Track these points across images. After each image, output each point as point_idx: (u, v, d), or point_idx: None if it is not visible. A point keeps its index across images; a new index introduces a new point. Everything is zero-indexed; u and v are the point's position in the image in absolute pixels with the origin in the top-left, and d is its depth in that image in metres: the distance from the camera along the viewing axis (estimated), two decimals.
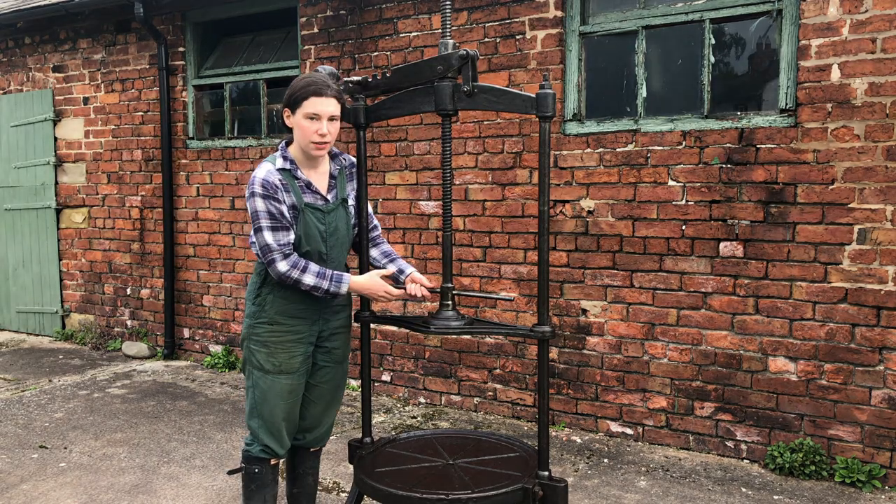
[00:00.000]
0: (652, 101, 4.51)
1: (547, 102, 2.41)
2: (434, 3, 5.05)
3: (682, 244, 4.33)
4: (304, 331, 2.80)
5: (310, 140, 2.65)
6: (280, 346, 2.76)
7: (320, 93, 2.61)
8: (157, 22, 6.42)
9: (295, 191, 2.68)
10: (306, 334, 2.81)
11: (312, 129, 2.63)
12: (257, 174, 2.64)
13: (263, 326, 2.76)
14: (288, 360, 2.77)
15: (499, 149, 4.89)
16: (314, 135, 2.63)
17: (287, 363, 2.77)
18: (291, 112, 2.67)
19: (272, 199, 2.59)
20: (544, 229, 2.49)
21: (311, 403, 2.93)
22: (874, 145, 3.79)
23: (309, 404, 2.92)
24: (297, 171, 2.71)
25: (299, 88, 2.64)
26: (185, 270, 6.60)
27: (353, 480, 2.65)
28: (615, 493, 3.83)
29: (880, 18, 3.74)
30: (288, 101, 2.67)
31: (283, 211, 2.62)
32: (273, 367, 2.76)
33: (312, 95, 2.61)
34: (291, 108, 2.67)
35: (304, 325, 2.80)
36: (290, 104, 2.67)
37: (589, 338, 4.66)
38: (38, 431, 4.74)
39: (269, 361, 2.76)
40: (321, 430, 3.00)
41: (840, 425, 3.96)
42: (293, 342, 2.78)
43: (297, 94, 2.63)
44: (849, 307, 3.90)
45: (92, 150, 7.06)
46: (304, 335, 2.80)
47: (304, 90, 2.63)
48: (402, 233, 5.32)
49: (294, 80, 2.72)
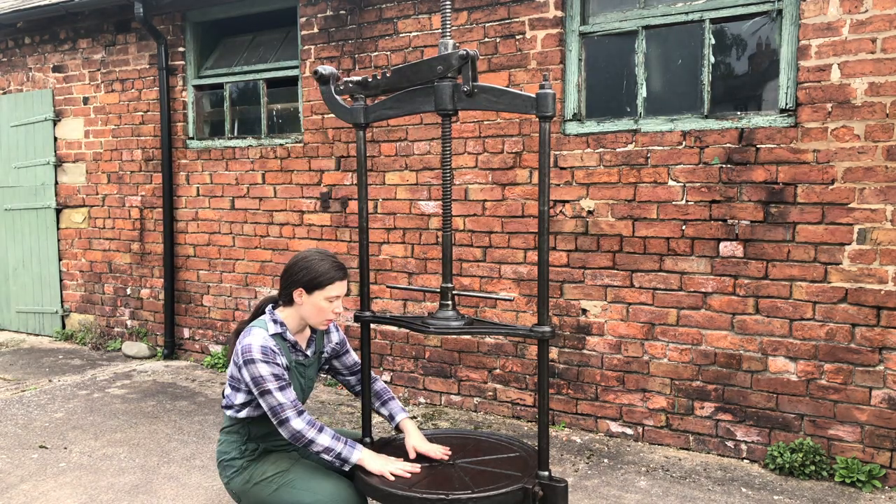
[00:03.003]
0: (652, 101, 4.51)
1: (547, 102, 2.41)
2: (434, 2, 5.05)
3: (682, 244, 4.33)
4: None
5: (324, 318, 2.73)
6: (286, 473, 2.73)
7: (342, 278, 2.72)
8: (157, 22, 6.42)
9: (286, 353, 2.75)
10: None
11: (330, 308, 2.71)
12: (253, 342, 2.64)
13: (267, 478, 2.73)
14: (295, 462, 2.77)
15: (499, 149, 4.89)
16: (330, 314, 2.72)
17: (295, 461, 2.77)
18: (307, 292, 2.70)
19: (273, 363, 2.63)
20: (544, 229, 2.49)
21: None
22: (874, 145, 3.79)
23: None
24: (286, 334, 2.77)
25: (321, 274, 2.68)
26: (185, 270, 6.60)
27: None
28: (615, 493, 3.83)
29: (880, 18, 3.74)
30: (308, 283, 2.69)
31: (283, 371, 2.66)
32: (289, 475, 2.74)
33: (337, 280, 2.70)
34: (309, 290, 2.70)
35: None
36: (310, 286, 2.69)
37: (589, 338, 4.66)
38: (38, 431, 4.74)
39: (285, 480, 2.73)
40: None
41: (840, 425, 3.96)
42: (288, 457, 2.79)
43: (321, 279, 2.68)
44: (849, 307, 3.90)
45: (92, 150, 7.06)
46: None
47: (328, 276, 2.68)
48: (402, 233, 5.32)
49: (301, 259, 2.73)
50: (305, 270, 2.71)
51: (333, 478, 2.69)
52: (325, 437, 2.59)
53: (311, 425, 2.60)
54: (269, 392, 2.60)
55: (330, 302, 2.71)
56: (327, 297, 2.70)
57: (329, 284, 2.70)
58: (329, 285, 2.70)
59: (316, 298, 2.71)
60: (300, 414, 2.60)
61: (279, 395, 2.60)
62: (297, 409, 2.60)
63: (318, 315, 2.73)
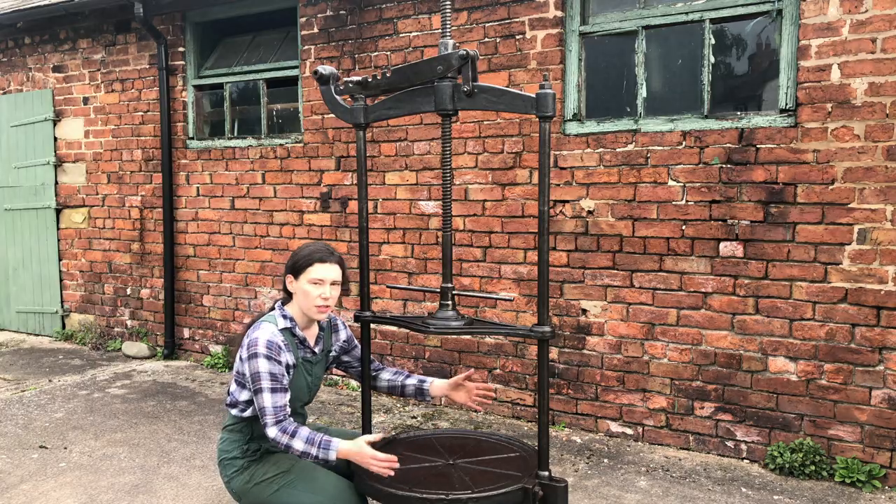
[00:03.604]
0: (652, 101, 4.51)
1: (547, 102, 2.41)
2: (434, 3, 5.05)
3: (682, 244, 4.33)
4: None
5: (313, 304, 2.73)
6: (287, 474, 2.73)
7: (324, 259, 2.74)
8: (156, 22, 6.42)
9: (293, 348, 2.77)
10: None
11: (316, 293, 2.72)
12: (260, 335, 2.66)
13: (269, 478, 2.73)
14: (296, 462, 2.76)
15: (499, 149, 4.89)
16: (317, 298, 2.73)
17: (297, 461, 2.76)
18: (295, 278, 2.76)
19: (274, 361, 2.64)
20: (544, 229, 2.49)
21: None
22: (874, 145, 3.79)
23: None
24: (296, 329, 2.79)
25: (303, 256, 2.75)
26: (185, 270, 6.60)
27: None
28: (615, 493, 3.83)
29: (880, 18, 3.74)
30: (292, 267, 2.77)
31: (284, 372, 2.67)
32: (291, 476, 2.74)
33: (317, 262, 2.73)
34: (295, 274, 2.76)
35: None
36: (294, 270, 2.76)
37: (589, 338, 4.66)
38: (38, 431, 4.74)
39: (286, 481, 2.73)
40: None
41: (840, 425, 3.96)
42: (289, 458, 2.78)
43: (302, 261, 2.75)
44: (849, 307, 3.90)
45: (92, 150, 7.06)
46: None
47: (308, 257, 2.74)
48: (402, 233, 5.32)
49: (295, 250, 2.84)
50: (293, 256, 2.79)
51: (334, 479, 2.69)
52: (298, 442, 2.58)
53: (283, 432, 2.58)
54: (261, 391, 2.61)
55: (315, 285, 2.72)
56: (311, 279, 2.71)
57: (309, 266, 2.72)
58: (309, 266, 2.72)
59: (302, 283, 2.73)
60: (278, 422, 2.60)
61: (268, 398, 2.60)
62: (276, 418, 2.60)
63: (307, 300, 2.73)
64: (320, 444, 2.57)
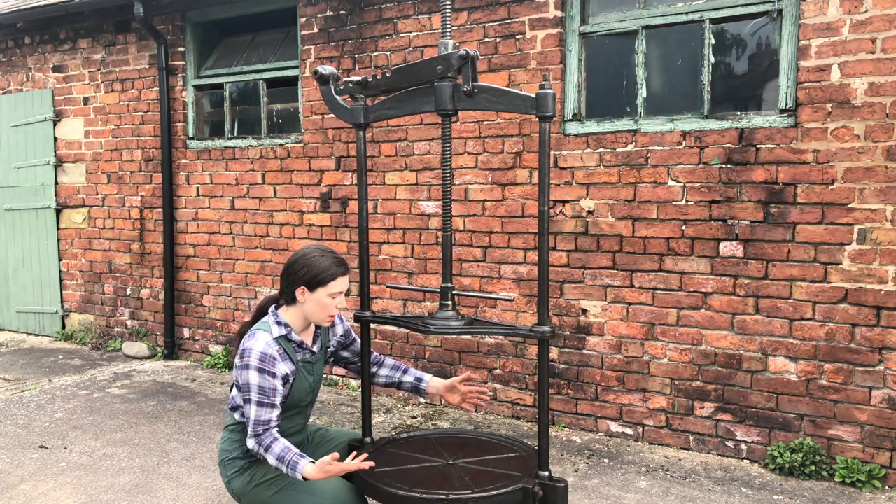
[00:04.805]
0: (652, 101, 4.51)
1: (547, 102, 2.41)
2: (434, 3, 5.05)
3: (682, 244, 4.33)
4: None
5: (326, 314, 2.72)
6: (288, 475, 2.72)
7: (344, 273, 2.71)
8: (156, 22, 6.42)
9: (291, 354, 2.74)
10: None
11: (333, 304, 2.70)
12: (255, 347, 2.63)
13: (269, 479, 2.72)
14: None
15: (499, 149, 4.89)
16: (333, 309, 2.71)
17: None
18: (310, 290, 2.69)
19: (267, 374, 2.61)
20: (544, 229, 2.49)
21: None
22: (874, 145, 3.79)
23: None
24: (291, 334, 2.75)
25: (324, 269, 2.67)
26: (185, 270, 6.60)
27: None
28: (615, 493, 3.83)
29: (880, 18, 3.74)
30: (310, 281, 2.68)
31: (276, 387, 2.63)
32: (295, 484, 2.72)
33: (339, 276, 2.69)
34: (311, 287, 2.69)
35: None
36: (313, 284, 2.68)
37: (589, 338, 4.66)
38: (38, 431, 4.74)
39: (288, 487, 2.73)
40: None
41: (840, 425, 3.96)
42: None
43: (323, 276, 2.67)
44: (849, 307, 3.90)
45: (92, 150, 7.06)
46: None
47: (329, 271, 2.68)
48: (402, 233, 5.32)
49: (302, 257, 2.72)
50: (307, 268, 2.69)
51: (334, 480, 2.69)
52: (271, 458, 2.57)
53: (259, 444, 2.59)
54: (249, 402, 2.61)
55: (333, 298, 2.70)
56: (330, 293, 2.69)
57: (331, 281, 2.69)
58: (331, 281, 2.69)
59: (319, 296, 2.69)
60: (256, 435, 2.60)
61: (254, 410, 2.60)
62: (256, 431, 2.60)
63: (322, 312, 2.72)
64: (289, 464, 2.54)
